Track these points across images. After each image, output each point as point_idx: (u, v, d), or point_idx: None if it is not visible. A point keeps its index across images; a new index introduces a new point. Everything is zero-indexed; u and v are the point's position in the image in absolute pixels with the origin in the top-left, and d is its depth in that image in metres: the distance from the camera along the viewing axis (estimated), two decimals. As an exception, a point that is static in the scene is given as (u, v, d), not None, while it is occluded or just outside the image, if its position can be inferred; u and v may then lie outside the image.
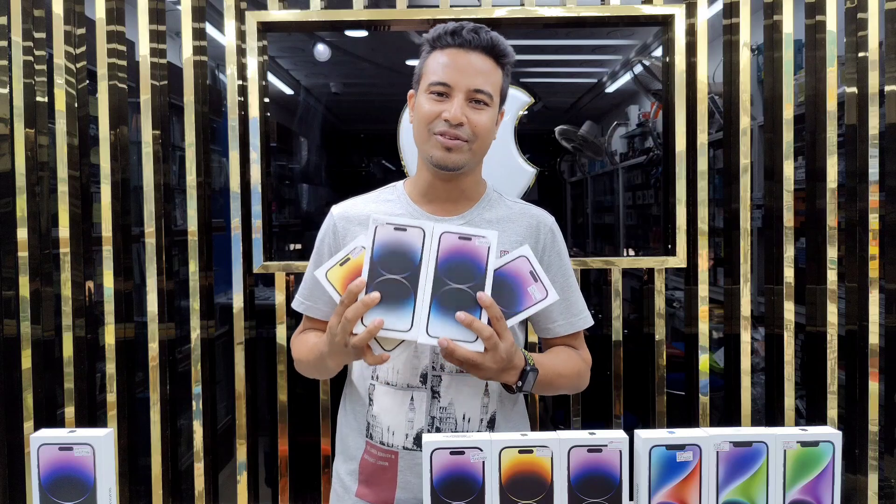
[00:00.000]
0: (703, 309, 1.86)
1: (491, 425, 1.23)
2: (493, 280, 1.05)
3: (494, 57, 1.19)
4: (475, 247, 1.05)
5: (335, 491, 1.31)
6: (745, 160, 1.84)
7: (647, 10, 1.83)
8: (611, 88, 2.12)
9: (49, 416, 1.89)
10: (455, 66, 1.17)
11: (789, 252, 1.84)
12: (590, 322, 1.31)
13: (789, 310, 1.85)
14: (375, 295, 1.01)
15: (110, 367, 1.85)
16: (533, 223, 1.28)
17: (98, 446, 0.95)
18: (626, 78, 2.09)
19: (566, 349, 1.30)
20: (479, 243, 1.05)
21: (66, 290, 1.85)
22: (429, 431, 1.20)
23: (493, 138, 1.25)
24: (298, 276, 1.91)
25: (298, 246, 2.08)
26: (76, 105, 1.86)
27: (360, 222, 1.26)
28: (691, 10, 1.84)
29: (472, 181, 1.27)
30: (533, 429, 1.75)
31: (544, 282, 1.10)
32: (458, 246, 1.05)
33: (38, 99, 1.86)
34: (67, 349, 1.85)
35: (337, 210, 1.31)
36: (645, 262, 1.90)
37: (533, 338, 1.72)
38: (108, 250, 1.84)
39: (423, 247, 1.05)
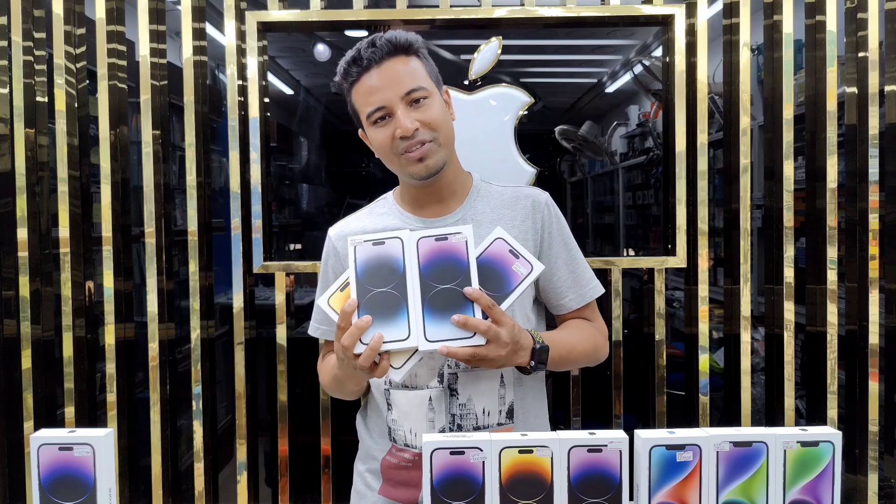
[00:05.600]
0: (703, 309, 1.86)
1: (510, 416, 1.23)
2: (476, 271, 1.05)
3: (403, 53, 1.17)
4: (453, 244, 1.06)
5: (356, 489, 1.32)
6: (745, 160, 1.84)
7: (647, 10, 1.83)
8: (611, 88, 2.12)
9: (49, 416, 1.89)
10: (375, 88, 1.15)
11: (789, 252, 1.84)
12: (600, 290, 1.31)
13: (789, 310, 1.85)
14: (367, 318, 1.02)
15: (110, 367, 1.85)
16: (528, 204, 1.27)
17: (98, 446, 0.95)
18: (626, 78, 2.09)
19: (578, 321, 1.29)
20: (457, 240, 1.06)
21: (66, 290, 1.85)
22: (450, 429, 1.20)
23: (453, 119, 1.23)
24: (298, 276, 1.92)
25: (298, 246, 2.08)
26: (76, 105, 1.86)
27: None
28: (691, 10, 1.84)
29: (453, 175, 1.26)
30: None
31: (526, 256, 1.10)
32: (436, 248, 1.06)
33: (38, 99, 1.85)
34: (67, 349, 1.85)
35: (334, 231, 1.32)
36: (645, 262, 1.90)
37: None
38: (108, 250, 1.84)
39: (403, 255, 1.06)
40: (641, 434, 0.95)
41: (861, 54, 1.84)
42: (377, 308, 1.03)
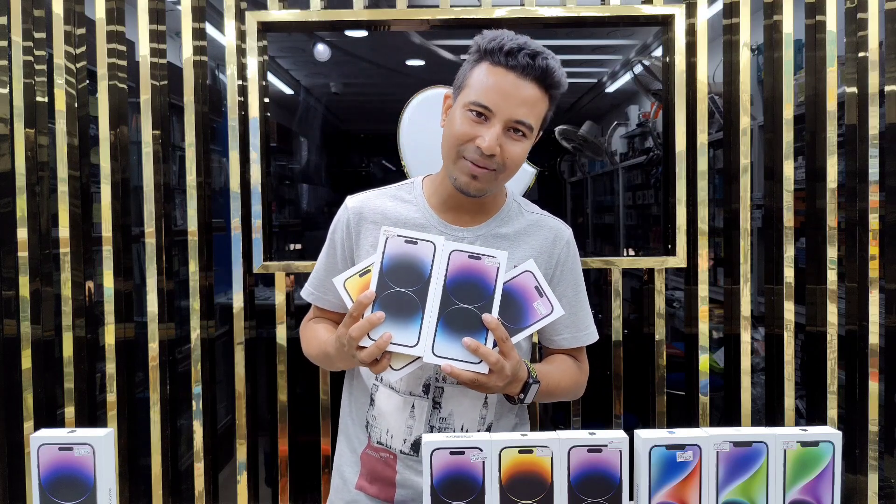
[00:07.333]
0: (703, 309, 1.86)
1: None
2: (500, 299, 1.05)
3: (545, 87, 1.11)
4: (484, 266, 1.05)
5: (334, 484, 1.32)
6: (745, 160, 1.84)
7: (647, 10, 1.83)
8: (611, 88, 2.12)
9: (49, 416, 1.89)
10: (501, 91, 1.09)
11: (789, 252, 1.84)
12: (595, 338, 1.31)
13: (789, 310, 1.85)
14: (380, 314, 1.02)
15: (110, 367, 1.85)
16: (549, 237, 1.26)
17: (98, 446, 0.95)
18: (626, 78, 2.09)
19: (567, 359, 1.30)
20: (489, 263, 1.05)
21: (66, 290, 1.85)
22: None
23: (522, 163, 1.19)
24: (298, 276, 1.92)
25: (298, 246, 2.08)
26: (76, 105, 1.86)
27: (373, 220, 1.23)
28: (691, 10, 1.84)
29: (491, 198, 1.24)
30: (533, 429, 1.75)
31: (549, 297, 1.09)
32: (467, 265, 1.05)
33: (38, 99, 1.85)
34: (67, 349, 1.85)
35: (352, 203, 1.26)
36: (645, 262, 1.90)
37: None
38: (108, 250, 1.84)
39: (433, 261, 1.05)
40: (641, 434, 0.95)
41: (861, 54, 1.83)
42: (393, 307, 1.03)
